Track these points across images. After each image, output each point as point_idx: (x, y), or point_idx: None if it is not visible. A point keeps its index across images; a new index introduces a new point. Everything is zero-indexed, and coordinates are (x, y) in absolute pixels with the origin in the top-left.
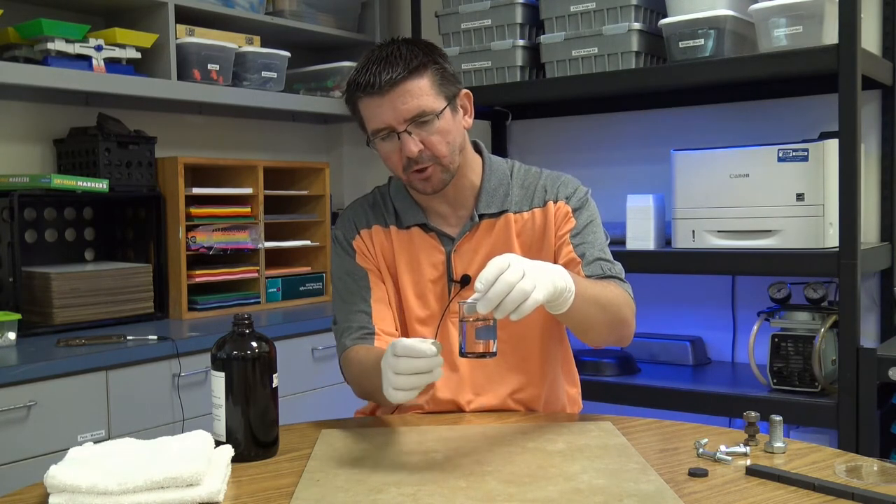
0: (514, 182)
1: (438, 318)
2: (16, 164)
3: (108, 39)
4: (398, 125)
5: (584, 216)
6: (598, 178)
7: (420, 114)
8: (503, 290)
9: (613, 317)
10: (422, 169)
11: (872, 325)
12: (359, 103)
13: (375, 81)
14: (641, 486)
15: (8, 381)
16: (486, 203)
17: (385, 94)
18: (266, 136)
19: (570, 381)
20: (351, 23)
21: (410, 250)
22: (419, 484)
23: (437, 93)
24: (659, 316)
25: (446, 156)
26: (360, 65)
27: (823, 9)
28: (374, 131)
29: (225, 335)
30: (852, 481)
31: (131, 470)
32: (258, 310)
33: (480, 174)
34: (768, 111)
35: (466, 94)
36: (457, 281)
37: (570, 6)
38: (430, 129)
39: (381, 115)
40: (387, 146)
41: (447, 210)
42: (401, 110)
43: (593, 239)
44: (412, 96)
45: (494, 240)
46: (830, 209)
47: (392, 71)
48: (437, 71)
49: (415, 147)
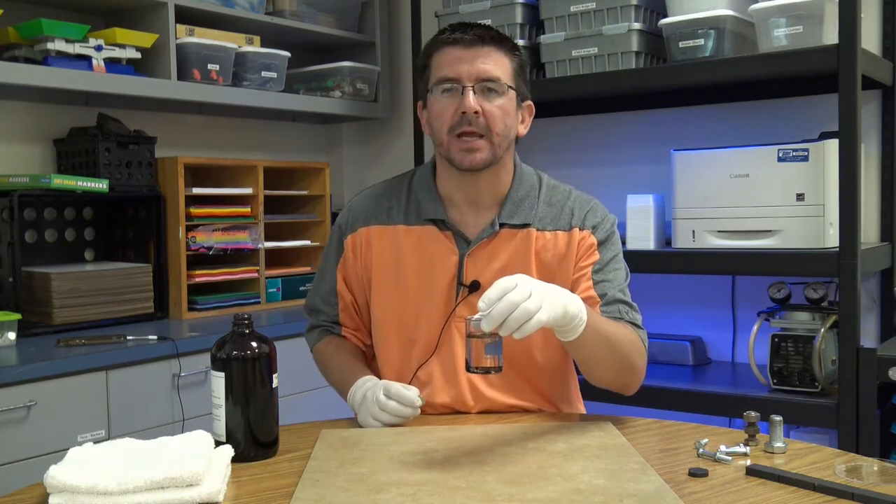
0: (541, 197)
1: (442, 322)
2: (16, 164)
3: (108, 39)
4: (467, 80)
5: (609, 251)
6: (598, 178)
7: (492, 78)
8: (507, 309)
9: (623, 360)
10: (469, 133)
11: (872, 325)
12: (436, 53)
13: (464, 36)
14: (641, 486)
15: (8, 381)
16: (510, 213)
17: (469, 47)
18: (266, 136)
19: (573, 395)
20: (351, 23)
21: (422, 251)
22: (419, 484)
23: (512, 77)
24: (659, 316)
25: (499, 133)
26: (450, 25)
27: (823, 9)
28: (439, 79)
29: (225, 335)
30: (852, 481)
31: (131, 470)
32: (258, 310)
33: (510, 183)
34: (768, 111)
35: (529, 106)
36: (466, 285)
37: (570, 6)
38: (494, 101)
39: (456, 66)
40: (444, 100)
41: (470, 210)
42: (477, 67)
43: (614, 277)
44: (492, 62)
45: (512, 252)
46: (830, 209)
47: (483, 32)
48: (519, 62)
49: (475, 104)
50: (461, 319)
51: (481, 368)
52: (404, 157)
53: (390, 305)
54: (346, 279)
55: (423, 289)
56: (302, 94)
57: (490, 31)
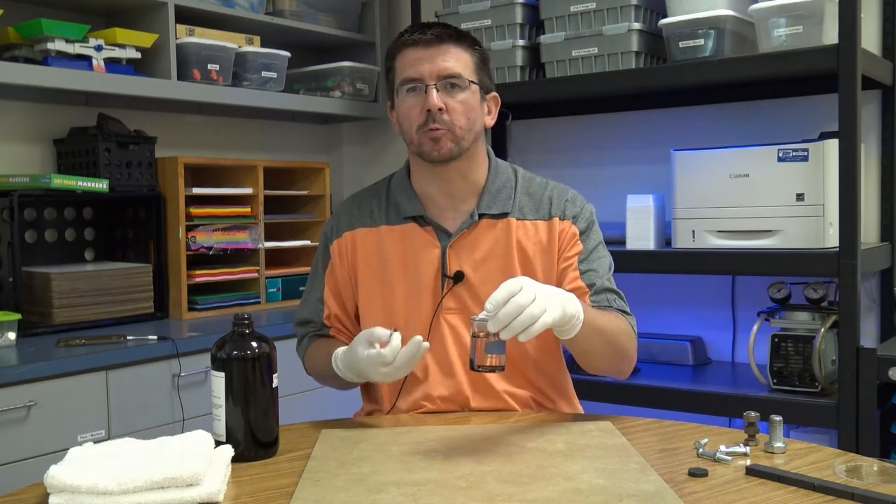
0: (518, 187)
1: (431, 316)
2: (16, 164)
3: (108, 39)
4: (429, 79)
5: (592, 240)
6: (598, 178)
7: (453, 75)
8: (513, 312)
9: (617, 349)
10: (435, 129)
11: (872, 325)
12: (398, 55)
13: (423, 37)
14: (641, 486)
15: (8, 381)
16: (488, 203)
17: (428, 47)
18: (266, 136)
19: (567, 387)
20: (351, 23)
21: (405, 248)
22: (419, 484)
23: (473, 72)
24: (659, 316)
25: (462, 126)
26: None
27: (823, 9)
28: (403, 80)
29: (225, 335)
30: (852, 481)
31: (131, 470)
32: (258, 310)
33: (486, 175)
34: (768, 111)
35: (494, 97)
36: (450, 277)
37: (570, 6)
38: (456, 97)
39: (417, 66)
40: (410, 100)
41: (447, 203)
42: (437, 66)
43: (599, 266)
44: (451, 58)
45: (493, 242)
46: (830, 209)
47: (441, 31)
48: (480, 56)
49: (438, 101)
50: (450, 311)
51: (485, 367)
52: (404, 157)
53: (378, 304)
54: (333, 287)
55: (409, 284)
56: (302, 94)
57: (448, 30)
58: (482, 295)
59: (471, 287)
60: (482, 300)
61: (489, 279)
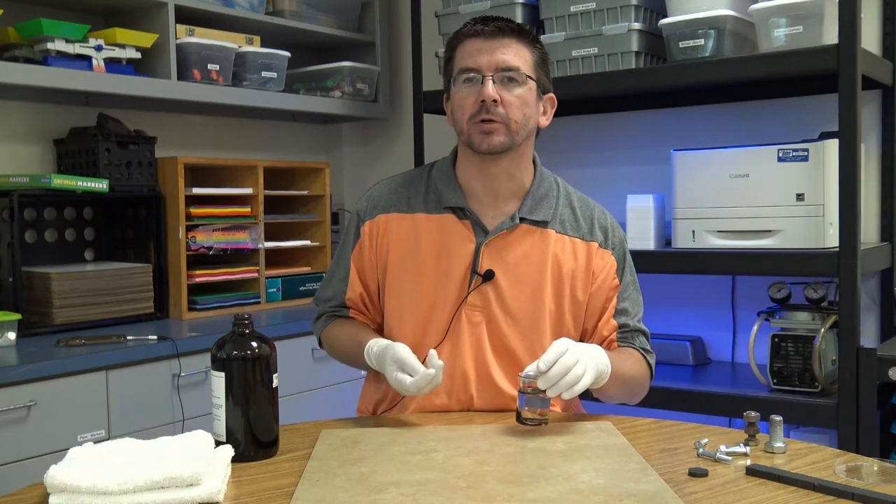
0: (560, 198)
1: (454, 309)
2: (16, 164)
3: (108, 39)
4: (487, 70)
5: (627, 273)
6: (598, 178)
7: (510, 68)
8: (561, 373)
9: (633, 391)
10: (488, 120)
11: (872, 325)
12: (458, 45)
13: (485, 28)
14: (641, 486)
15: (8, 381)
16: (531, 208)
17: (490, 39)
18: (266, 136)
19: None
20: (351, 23)
21: (441, 238)
22: (419, 484)
23: (532, 68)
24: (659, 316)
25: (517, 121)
26: (472, 19)
27: (823, 9)
28: (461, 69)
29: (225, 335)
30: (852, 481)
31: (131, 470)
32: (258, 310)
33: (531, 179)
34: (768, 111)
35: (551, 98)
36: (479, 274)
37: (570, 6)
38: (513, 91)
39: (477, 57)
40: (465, 89)
41: (489, 201)
42: (496, 58)
43: (632, 305)
44: (512, 53)
45: (529, 248)
46: (830, 209)
47: (503, 24)
48: (540, 54)
49: (494, 93)
50: (473, 308)
51: (532, 421)
52: (404, 157)
53: (407, 291)
54: (360, 267)
55: (439, 275)
56: (302, 94)
57: (510, 24)
58: (508, 298)
59: (498, 288)
60: (507, 303)
61: (518, 284)
